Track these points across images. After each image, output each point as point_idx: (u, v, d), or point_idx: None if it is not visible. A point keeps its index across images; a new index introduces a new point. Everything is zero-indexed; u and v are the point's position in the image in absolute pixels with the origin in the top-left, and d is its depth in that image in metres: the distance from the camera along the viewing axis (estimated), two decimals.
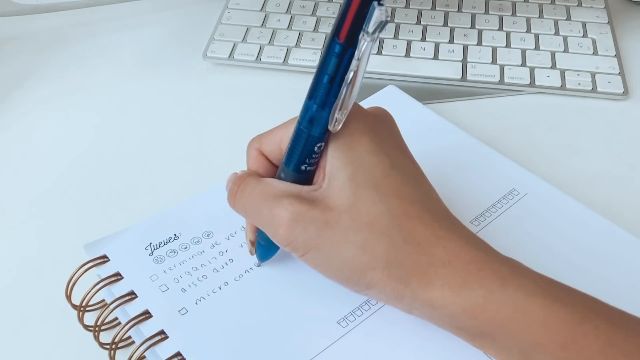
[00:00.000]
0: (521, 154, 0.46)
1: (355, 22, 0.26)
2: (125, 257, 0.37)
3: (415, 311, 0.30)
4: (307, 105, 0.29)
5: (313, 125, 0.29)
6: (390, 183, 0.30)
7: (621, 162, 0.46)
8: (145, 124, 0.50)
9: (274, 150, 0.33)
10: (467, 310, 0.28)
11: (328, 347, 0.33)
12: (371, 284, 0.29)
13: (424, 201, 0.30)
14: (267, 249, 0.36)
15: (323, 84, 0.28)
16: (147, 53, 0.57)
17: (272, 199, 0.31)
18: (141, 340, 0.33)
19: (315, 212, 0.29)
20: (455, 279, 0.28)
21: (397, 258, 0.29)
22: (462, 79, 0.52)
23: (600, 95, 0.51)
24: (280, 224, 0.30)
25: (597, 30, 0.56)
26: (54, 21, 0.61)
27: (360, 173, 0.30)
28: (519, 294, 0.28)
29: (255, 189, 0.32)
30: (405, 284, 0.29)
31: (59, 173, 0.46)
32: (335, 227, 0.29)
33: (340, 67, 0.28)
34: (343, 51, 0.27)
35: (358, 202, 0.29)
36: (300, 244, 0.30)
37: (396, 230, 0.29)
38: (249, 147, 0.34)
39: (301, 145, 0.30)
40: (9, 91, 0.54)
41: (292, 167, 0.31)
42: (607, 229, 0.39)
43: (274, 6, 0.59)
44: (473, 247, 0.29)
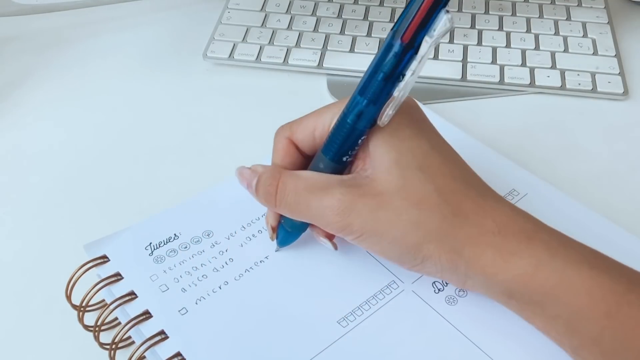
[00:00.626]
0: (521, 154, 0.46)
1: (421, 26, 0.27)
2: (125, 257, 0.37)
3: (469, 281, 0.31)
4: (357, 100, 0.30)
5: (360, 120, 0.31)
6: (432, 163, 0.32)
7: (621, 162, 0.46)
8: (145, 124, 0.50)
9: (307, 138, 0.34)
10: (517, 277, 0.29)
11: (328, 347, 0.33)
12: (427, 257, 0.31)
13: (465, 177, 0.32)
14: (290, 235, 0.37)
15: (377, 81, 0.29)
16: (147, 53, 0.57)
17: (320, 191, 0.32)
18: (141, 340, 0.33)
19: (367, 197, 0.31)
20: (505, 247, 0.30)
21: (449, 231, 0.31)
22: (462, 79, 0.52)
23: (600, 95, 0.51)
24: (335, 213, 0.31)
25: (597, 30, 0.56)
26: (54, 21, 0.61)
27: (404, 157, 0.31)
28: (567, 263, 0.29)
29: (298, 185, 0.33)
30: (459, 254, 0.30)
31: (59, 173, 0.46)
32: (388, 208, 0.31)
33: (399, 67, 0.29)
34: (404, 52, 0.28)
35: (406, 183, 0.31)
36: (356, 228, 0.31)
37: (445, 205, 0.31)
38: (278, 135, 0.35)
39: (345, 138, 0.31)
40: (9, 91, 0.54)
41: (332, 158, 0.32)
42: (607, 229, 0.39)
43: (274, 6, 0.59)
44: (520, 218, 0.31)
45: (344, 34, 0.56)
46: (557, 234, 0.31)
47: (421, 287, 0.36)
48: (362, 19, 0.58)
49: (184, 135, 0.49)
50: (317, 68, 0.53)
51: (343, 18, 0.58)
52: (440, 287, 0.36)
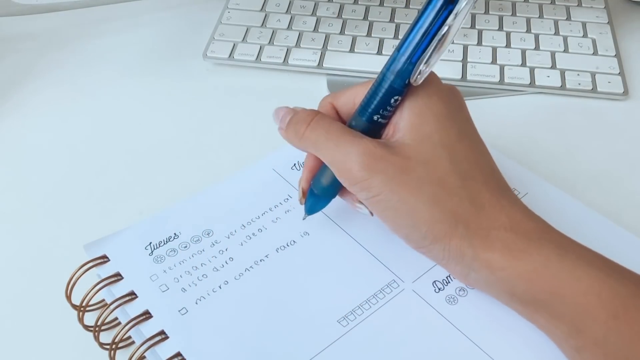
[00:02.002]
0: (521, 154, 0.46)
1: None
2: (125, 257, 0.37)
3: (472, 274, 0.31)
4: (395, 56, 0.31)
5: (396, 76, 0.31)
6: (462, 148, 0.32)
7: (621, 162, 0.46)
8: (145, 124, 0.50)
9: (347, 104, 0.34)
10: (523, 274, 0.29)
11: (328, 347, 0.33)
12: (437, 237, 0.31)
13: (489, 170, 0.33)
14: (318, 200, 0.37)
15: (415, 36, 0.30)
16: (147, 53, 0.57)
17: (352, 136, 0.32)
18: (141, 340, 0.33)
19: (395, 157, 0.31)
20: (515, 244, 0.30)
21: (463, 217, 0.31)
22: (462, 79, 0.52)
23: (600, 95, 0.51)
24: (359, 160, 0.31)
25: (597, 30, 0.56)
26: (54, 21, 0.61)
27: (436, 133, 0.32)
28: (576, 263, 0.29)
29: (332, 125, 0.33)
30: (469, 242, 0.30)
31: (58, 173, 0.46)
32: (412, 175, 0.31)
33: (437, 21, 0.29)
34: (443, 6, 0.28)
35: (433, 158, 0.31)
36: (376, 184, 0.31)
37: (464, 191, 0.31)
38: (323, 101, 0.36)
39: (380, 95, 0.32)
40: (9, 91, 0.54)
41: (365, 117, 0.32)
42: (607, 229, 0.39)
43: (274, 6, 0.59)
44: (533, 219, 0.32)
45: (344, 34, 0.56)
46: (567, 238, 0.31)
47: (422, 287, 0.36)
48: (362, 19, 0.58)
49: (184, 135, 0.49)
50: (317, 68, 0.53)
51: (343, 18, 0.58)
52: (441, 287, 0.35)
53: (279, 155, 0.43)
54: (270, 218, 0.39)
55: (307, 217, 0.38)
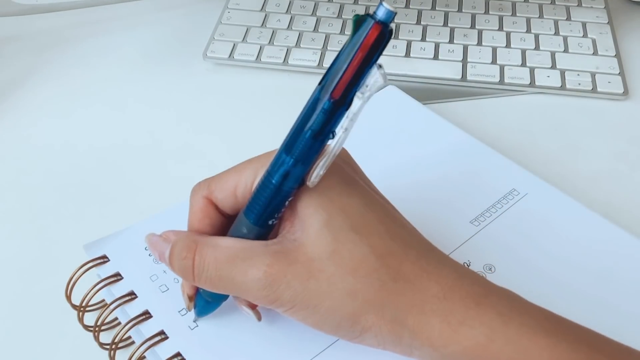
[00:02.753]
0: (521, 154, 0.46)
1: (352, 82, 0.25)
2: (125, 257, 0.37)
3: (416, 352, 0.29)
4: (282, 159, 0.27)
5: (287, 180, 0.28)
6: (367, 223, 0.29)
7: (621, 162, 0.46)
8: (145, 124, 0.50)
9: (227, 198, 0.31)
10: (468, 349, 0.27)
11: (328, 347, 0.33)
12: (366, 328, 0.28)
13: (404, 236, 0.29)
14: (209, 305, 0.34)
15: (305, 139, 0.26)
16: (147, 53, 0.57)
17: (243, 263, 0.29)
18: (141, 340, 0.33)
19: (296, 266, 0.28)
20: (453, 315, 0.27)
21: (389, 298, 0.28)
22: (462, 79, 0.52)
23: (600, 95, 0.51)
24: (262, 286, 0.28)
25: (597, 30, 0.56)
26: (54, 21, 0.61)
27: (335, 217, 0.28)
28: (522, 332, 0.27)
29: (218, 257, 0.29)
30: (402, 324, 0.28)
31: (59, 173, 0.46)
32: (321, 277, 0.28)
33: (329, 125, 0.26)
34: (334, 109, 0.26)
35: (339, 247, 0.28)
36: (286, 300, 0.28)
37: (383, 270, 0.28)
38: (194, 194, 0.32)
39: (269, 200, 0.28)
40: (9, 91, 0.54)
41: (257, 222, 0.29)
42: (607, 229, 0.39)
43: (274, 6, 0.59)
44: (467, 281, 0.28)
45: (344, 34, 0.56)
46: (509, 296, 0.29)
47: None
48: None
49: (184, 135, 0.49)
50: (317, 68, 0.53)
51: (343, 18, 0.58)
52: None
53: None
54: None
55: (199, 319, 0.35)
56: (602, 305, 0.35)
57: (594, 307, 0.35)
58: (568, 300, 0.34)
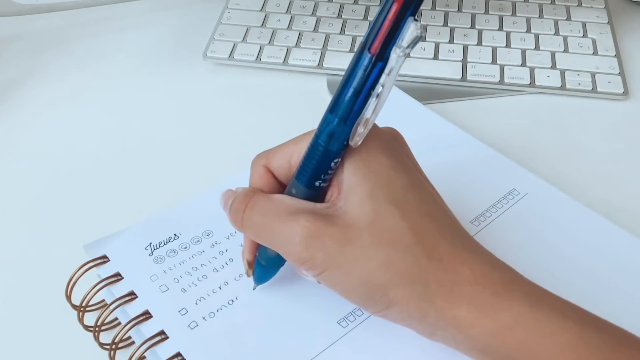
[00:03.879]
0: (521, 154, 0.46)
1: (388, 36, 0.26)
2: (125, 257, 0.37)
3: (438, 332, 0.29)
4: (328, 118, 0.28)
5: (332, 140, 0.28)
6: (410, 200, 0.29)
7: (621, 162, 0.46)
8: (145, 124, 0.50)
9: (283, 166, 0.32)
10: (495, 331, 0.27)
11: (328, 347, 0.33)
12: (393, 302, 0.28)
13: (444, 219, 0.30)
14: (267, 270, 0.35)
15: (348, 97, 0.27)
16: (147, 53, 0.57)
17: (287, 216, 0.30)
18: (141, 340, 0.33)
19: (334, 229, 0.29)
20: (482, 298, 0.27)
21: (421, 275, 0.28)
22: (462, 79, 0.52)
23: (600, 95, 0.51)
24: (298, 241, 0.29)
25: (597, 30, 0.56)
26: (54, 21, 0.61)
27: (379, 189, 0.29)
28: (550, 317, 0.27)
29: (266, 207, 0.31)
30: (430, 302, 0.28)
31: (59, 173, 0.46)
32: (356, 244, 0.28)
33: (368, 81, 0.27)
34: (372, 64, 0.26)
35: (378, 218, 0.29)
36: (318, 262, 0.29)
37: (419, 247, 0.28)
38: (254, 163, 0.33)
39: (317, 160, 0.29)
40: (9, 91, 0.54)
41: (304, 183, 0.30)
42: (607, 229, 0.39)
43: (274, 6, 0.59)
44: (498, 269, 0.29)
45: (344, 34, 0.56)
46: (537, 287, 0.29)
47: None
48: (362, 19, 0.58)
49: (184, 135, 0.49)
50: (317, 68, 0.53)
51: (343, 18, 0.58)
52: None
53: None
54: None
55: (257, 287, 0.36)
56: (602, 305, 0.35)
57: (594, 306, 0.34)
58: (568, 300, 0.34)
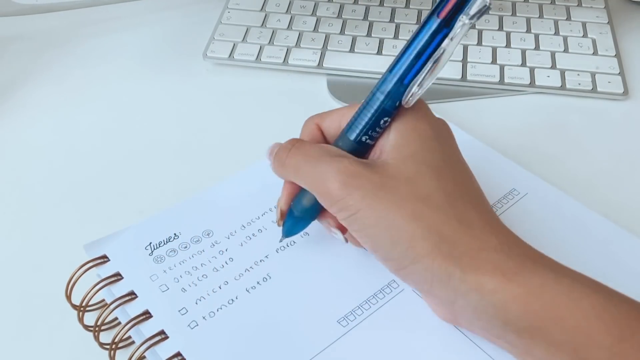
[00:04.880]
0: (521, 154, 0.46)
1: (457, 4, 0.27)
2: (125, 257, 0.37)
3: (460, 298, 0.29)
4: (387, 77, 0.30)
5: (388, 98, 0.30)
6: (448, 169, 0.31)
7: (621, 162, 0.46)
8: (145, 124, 0.50)
9: (333, 125, 0.34)
10: (519, 297, 0.27)
11: (328, 347, 0.33)
12: (419, 256, 0.29)
13: (476, 194, 0.32)
14: (297, 222, 0.36)
15: (408, 57, 0.29)
16: (147, 53, 0.57)
17: (330, 157, 0.31)
18: (141, 340, 0.33)
19: (374, 174, 0.30)
20: (508, 265, 0.28)
21: (449, 235, 0.29)
22: (462, 79, 0.52)
23: (600, 95, 0.51)
24: (336, 178, 0.30)
25: (597, 30, 0.56)
26: (54, 21, 0.61)
27: (421, 153, 0.31)
28: (575, 286, 0.27)
29: (311, 150, 0.32)
30: (455, 262, 0.28)
31: (59, 173, 0.46)
32: (392, 191, 0.29)
33: (432, 44, 0.28)
34: (438, 29, 0.28)
35: (417, 176, 0.30)
36: (353, 201, 0.30)
37: (451, 209, 0.29)
38: (307, 122, 0.35)
39: (369, 115, 0.31)
40: (9, 91, 0.54)
41: (353, 137, 0.32)
42: (607, 229, 0.39)
43: (274, 6, 0.59)
44: (524, 244, 0.30)
45: (344, 34, 0.56)
46: (560, 263, 0.29)
47: None
48: (362, 19, 0.58)
49: (184, 135, 0.49)
50: (317, 68, 0.53)
51: (343, 18, 0.58)
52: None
53: None
54: (271, 218, 0.39)
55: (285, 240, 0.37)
56: None
57: None
58: None
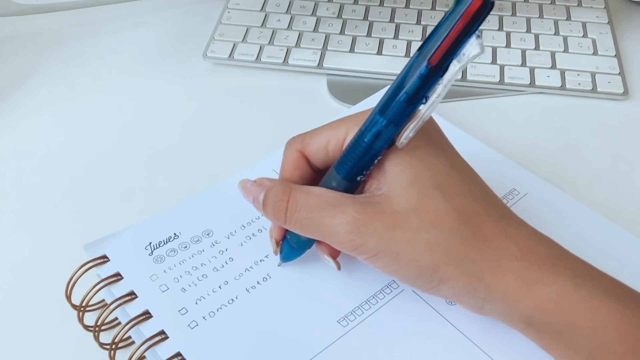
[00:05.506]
0: (521, 154, 0.46)
1: (450, 50, 0.26)
2: (125, 257, 0.37)
3: (487, 306, 0.30)
4: (376, 119, 0.29)
5: (378, 140, 0.30)
6: (452, 182, 0.31)
7: (621, 162, 0.46)
8: (145, 124, 0.50)
9: (319, 152, 0.33)
10: (540, 305, 0.28)
11: (328, 347, 0.33)
12: (444, 279, 0.30)
13: (486, 198, 0.31)
14: (295, 251, 0.36)
15: (399, 102, 0.28)
16: (147, 53, 0.57)
17: (333, 208, 0.31)
18: (141, 340, 0.33)
19: (383, 215, 0.30)
20: (528, 273, 0.29)
21: (468, 253, 0.29)
22: (462, 79, 0.52)
23: (600, 95, 0.51)
24: (349, 230, 0.30)
25: (597, 30, 0.56)
26: (54, 21, 0.61)
27: (422, 175, 0.30)
28: (593, 294, 0.28)
29: (309, 201, 0.31)
30: (478, 277, 0.29)
31: (59, 173, 0.46)
32: (405, 227, 0.30)
33: (423, 90, 0.28)
34: (430, 74, 0.27)
35: (424, 202, 0.30)
36: (370, 247, 0.30)
37: (464, 227, 0.30)
38: (289, 147, 0.34)
39: (360, 157, 0.30)
40: (8, 91, 0.54)
41: (346, 177, 0.31)
42: (607, 229, 0.39)
43: (274, 6, 0.59)
44: (544, 244, 0.30)
45: (344, 34, 0.56)
46: (582, 263, 0.30)
47: None
48: (362, 19, 0.58)
49: (183, 135, 0.49)
50: (317, 68, 0.53)
51: (343, 18, 0.58)
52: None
53: (278, 155, 0.43)
54: None
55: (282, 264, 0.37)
56: None
57: None
58: None
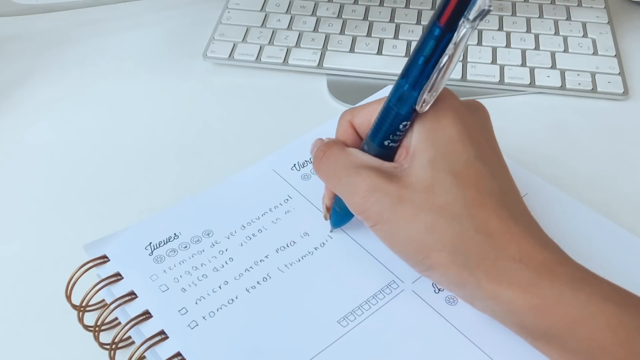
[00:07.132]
0: (521, 154, 0.46)
1: (457, 8, 0.27)
2: (125, 257, 0.37)
3: (477, 302, 0.30)
4: (399, 83, 0.30)
5: (401, 104, 0.31)
6: (471, 173, 0.30)
7: (621, 162, 0.46)
8: (145, 124, 0.50)
9: (365, 123, 0.34)
10: (534, 308, 0.28)
11: (328, 347, 0.33)
12: (434, 265, 0.30)
13: (502, 196, 0.31)
14: (341, 217, 0.37)
15: (417, 65, 0.29)
16: (148, 53, 0.57)
17: (353, 169, 0.32)
18: (141, 340, 0.33)
19: (391, 187, 0.31)
20: (525, 277, 0.28)
21: (465, 245, 0.29)
22: (462, 79, 0.52)
23: (600, 95, 0.51)
24: (357, 193, 0.31)
25: (597, 30, 0.56)
26: (54, 21, 0.61)
27: (441, 158, 0.31)
28: (591, 298, 0.28)
29: (338, 157, 0.33)
30: (470, 272, 0.29)
31: (59, 173, 0.46)
32: (408, 204, 0.30)
33: (437, 50, 0.28)
34: (442, 35, 0.28)
35: (434, 184, 0.30)
36: (372, 214, 0.31)
37: (468, 219, 0.29)
38: (341, 118, 0.36)
39: (387, 122, 0.32)
40: (8, 91, 0.54)
41: (375, 142, 0.33)
42: (607, 229, 0.39)
43: (274, 6, 0.59)
44: (546, 249, 0.30)
45: (344, 34, 0.56)
46: (583, 269, 0.30)
47: (421, 287, 0.36)
48: (362, 19, 0.58)
49: (183, 135, 0.49)
50: (317, 68, 0.53)
51: (343, 18, 0.58)
52: (441, 287, 0.35)
53: (278, 155, 0.43)
54: (270, 219, 0.39)
55: (334, 230, 0.39)
56: None
57: None
58: None
